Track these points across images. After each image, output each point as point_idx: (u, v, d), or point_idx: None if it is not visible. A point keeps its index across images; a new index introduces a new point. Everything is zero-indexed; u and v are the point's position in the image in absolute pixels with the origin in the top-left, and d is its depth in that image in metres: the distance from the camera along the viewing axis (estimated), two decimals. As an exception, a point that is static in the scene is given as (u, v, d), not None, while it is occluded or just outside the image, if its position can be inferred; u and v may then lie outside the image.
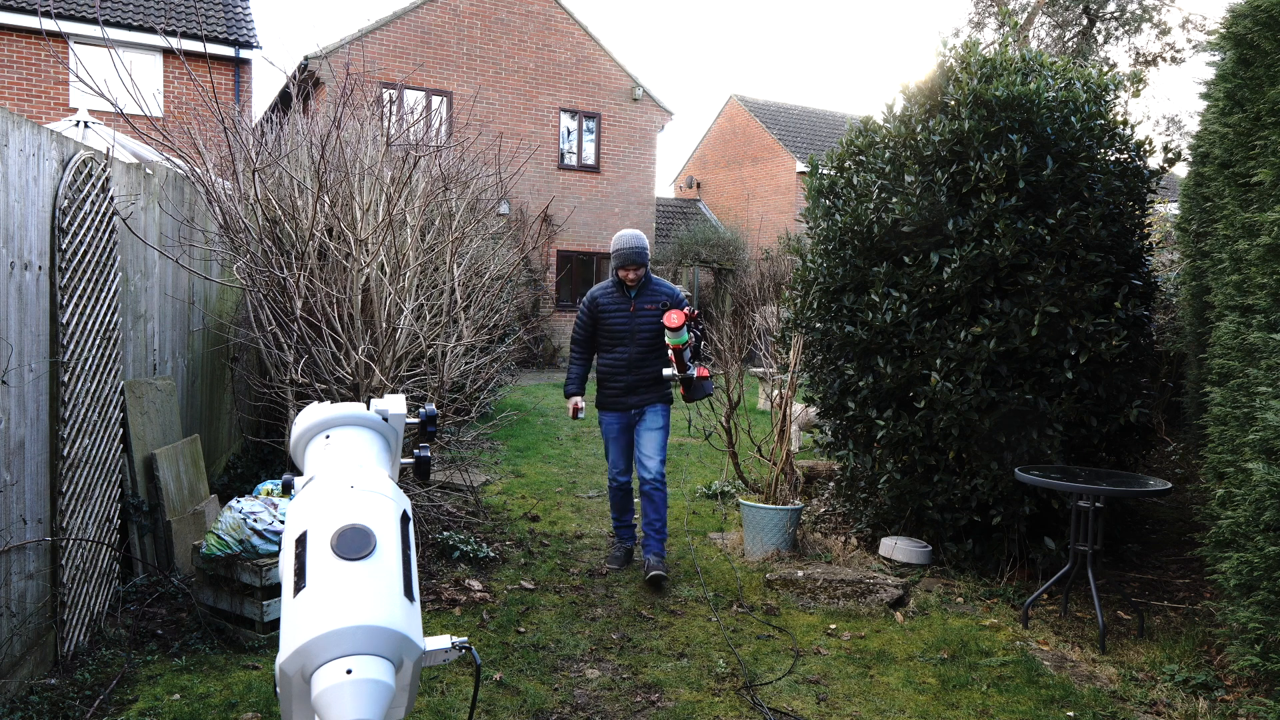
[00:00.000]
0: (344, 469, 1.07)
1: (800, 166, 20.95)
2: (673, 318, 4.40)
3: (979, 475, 4.80)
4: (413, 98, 16.06)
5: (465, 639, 0.97)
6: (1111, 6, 23.30)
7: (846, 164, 5.67)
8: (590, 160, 18.85)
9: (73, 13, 13.72)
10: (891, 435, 4.97)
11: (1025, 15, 22.66)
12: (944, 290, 4.81)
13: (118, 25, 13.81)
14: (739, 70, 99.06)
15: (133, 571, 4.30)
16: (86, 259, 3.79)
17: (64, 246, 3.57)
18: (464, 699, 3.41)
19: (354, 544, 0.93)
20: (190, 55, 11.95)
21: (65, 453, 3.54)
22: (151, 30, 13.78)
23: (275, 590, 3.90)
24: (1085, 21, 23.68)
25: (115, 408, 4.13)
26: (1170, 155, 5.30)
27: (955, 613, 4.48)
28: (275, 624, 3.96)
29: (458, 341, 5.16)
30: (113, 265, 4.10)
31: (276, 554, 3.95)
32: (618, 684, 3.61)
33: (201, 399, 5.74)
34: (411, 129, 7.19)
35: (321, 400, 3.30)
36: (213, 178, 5.05)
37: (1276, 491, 3.05)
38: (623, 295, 4.94)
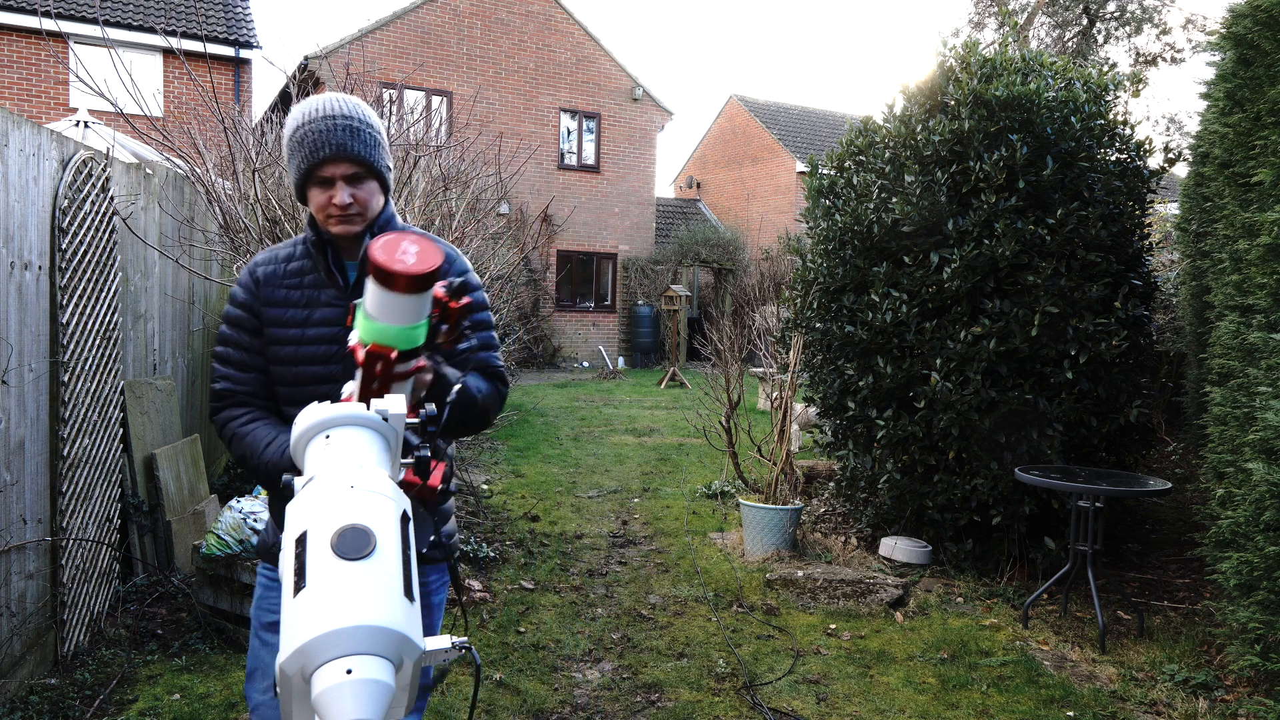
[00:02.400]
0: (344, 469, 1.07)
1: (800, 166, 20.95)
2: (385, 249, 1.38)
3: (979, 475, 4.80)
4: (413, 98, 16.05)
5: (465, 639, 0.97)
6: (1111, 6, 23.31)
7: (846, 164, 5.67)
8: (590, 160, 18.85)
9: (73, 13, 13.72)
10: (891, 435, 4.97)
11: (1025, 15, 22.67)
12: (944, 290, 4.81)
13: (118, 25, 13.81)
14: (739, 70, 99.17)
15: (133, 571, 4.30)
16: (86, 259, 3.79)
17: (64, 246, 3.57)
18: (464, 699, 3.41)
19: (354, 544, 0.93)
20: (190, 55, 11.95)
21: (65, 453, 3.54)
22: (151, 30, 13.78)
23: (275, 590, 3.89)
24: (1085, 21, 23.68)
25: (115, 408, 4.13)
26: (1170, 155, 5.31)
27: (955, 613, 4.48)
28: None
29: (458, 341, 5.15)
30: (113, 265, 4.10)
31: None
32: (618, 684, 3.61)
33: (202, 399, 5.74)
34: (411, 129, 7.19)
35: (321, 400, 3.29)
36: (213, 178, 5.05)
37: (1276, 491, 3.05)
38: (322, 265, 1.89)
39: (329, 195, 1.79)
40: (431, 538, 1.76)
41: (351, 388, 1.46)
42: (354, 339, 1.44)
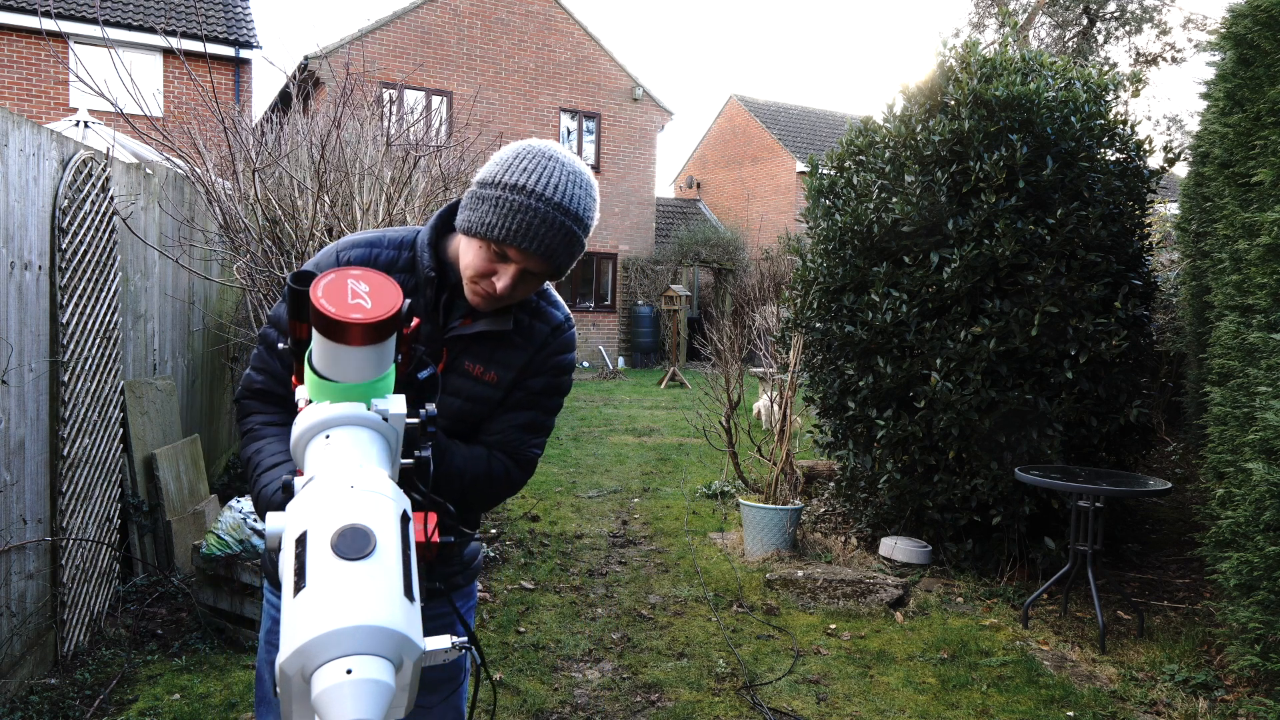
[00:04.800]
0: (344, 469, 1.07)
1: (800, 166, 20.95)
2: (331, 294, 1.12)
3: (979, 475, 4.80)
4: (413, 98, 16.05)
5: (465, 639, 0.97)
6: (1111, 6, 23.31)
7: (846, 164, 5.67)
8: (590, 160, 18.84)
9: (73, 13, 13.72)
10: (891, 435, 4.97)
11: (1025, 15, 22.66)
12: (944, 290, 4.81)
13: (118, 25, 13.81)
14: (739, 70, 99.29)
15: (133, 571, 4.30)
16: (86, 259, 3.79)
17: (64, 246, 3.57)
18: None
19: (354, 544, 0.93)
20: (190, 55, 11.95)
21: (65, 453, 3.54)
22: (151, 30, 13.78)
23: (275, 590, 3.89)
24: (1085, 21, 23.68)
25: (115, 408, 4.13)
26: (1170, 155, 5.31)
27: (955, 613, 4.48)
28: (275, 624, 3.95)
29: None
30: (113, 265, 4.10)
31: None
32: (618, 684, 3.61)
33: (201, 399, 5.74)
34: (411, 129, 7.19)
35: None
36: (213, 178, 5.05)
37: (1276, 491, 3.05)
38: (429, 299, 1.59)
39: (491, 269, 1.50)
40: (455, 568, 1.68)
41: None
42: (303, 399, 1.20)
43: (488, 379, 1.61)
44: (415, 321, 1.27)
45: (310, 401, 1.18)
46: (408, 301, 1.22)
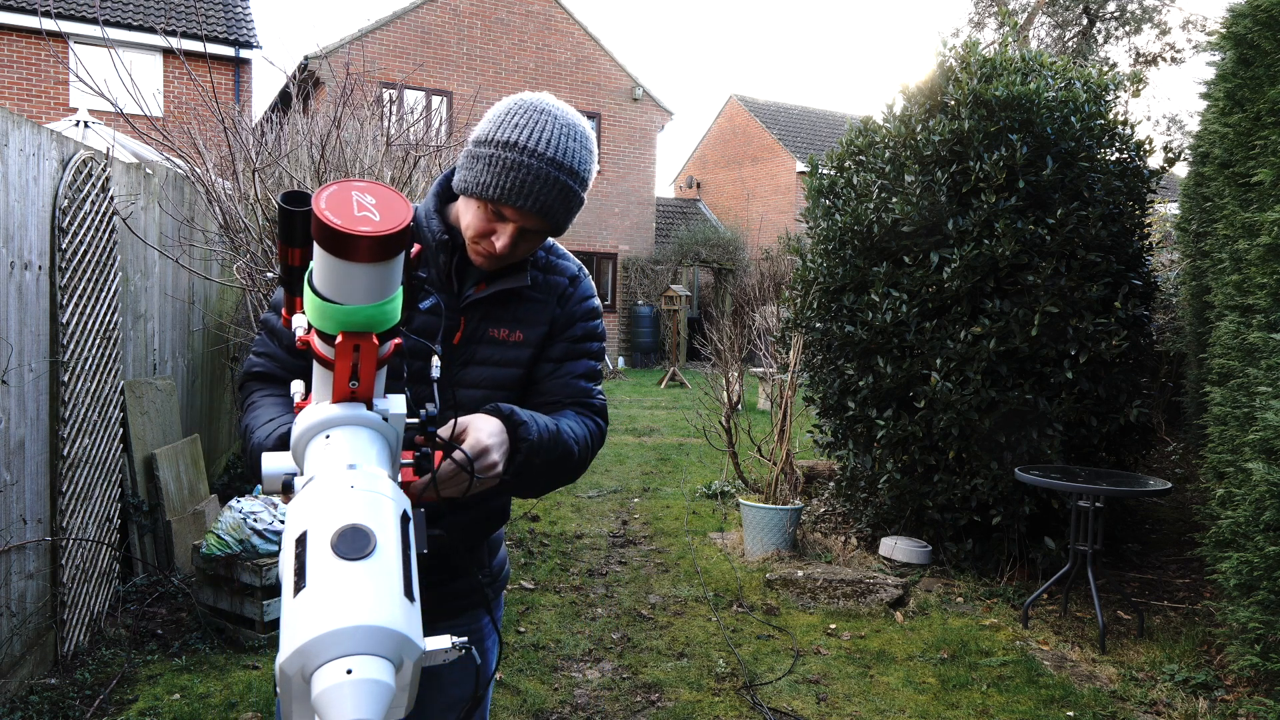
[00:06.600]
0: (344, 469, 1.07)
1: (800, 166, 20.94)
2: (335, 205, 1.00)
3: (979, 475, 4.80)
4: (413, 98, 16.05)
5: (465, 639, 0.97)
6: (1111, 6, 23.31)
7: (846, 164, 5.67)
8: (590, 160, 18.83)
9: (73, 13, 13.72)
10: (891, 435, 4.97)
11: (1025, 15, 22.66)
12: (944, 290, 4.82)
13: (118, 25, 13.80)
14: (739, 70, 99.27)
15: (133, 571, 4.31)
16: (86, 259, 3.79)
17: (64, 246, 3.57)
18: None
19: (354, 544, 0.93)
20: (190, 55, 11.94)
21: (65, 453, 3.54)
22: (151, 30, 13.77)
23: (275, 590, 3.90)
24: (1085, 21, 23.68)
25: (115, 408, 4.13)
26: (1170, 155, 5.31)
27: (955, 613, 4.48)
28: (275, 624, 3.96)
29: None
30: (113, 265, 4.10)
31: (276, 554, 3.96)
32: (618, 684, 3.61)
33: (201, 399, 5.74)
34: (411, 129, 7.20)
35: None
36: (213, 178, 5.05)
37: (1276, 491, 3.05)
38: (442, 267, 1.58)
39: (491, 228, 1.49)
40: (482, 575, 1.61)
41: (300, 388, 1.19)
42: (302, 328, 1.12)
43: (515, 339, 1.61)
44: (417, 247, 1.19)
45: (311, 328, 1.10)
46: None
